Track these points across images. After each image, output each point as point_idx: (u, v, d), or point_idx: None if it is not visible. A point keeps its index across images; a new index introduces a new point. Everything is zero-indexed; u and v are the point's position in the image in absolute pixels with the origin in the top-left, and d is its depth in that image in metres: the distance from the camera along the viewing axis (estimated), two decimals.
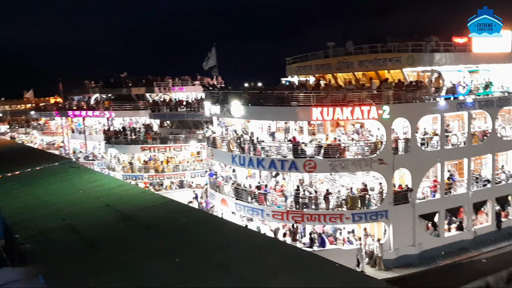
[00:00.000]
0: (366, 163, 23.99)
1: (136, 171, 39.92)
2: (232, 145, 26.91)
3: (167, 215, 13.51)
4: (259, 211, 25.25)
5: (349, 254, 23.32)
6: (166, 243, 10.07)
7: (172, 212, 13.15)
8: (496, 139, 27.93)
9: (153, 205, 14.87)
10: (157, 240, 10.77)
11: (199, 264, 8.05)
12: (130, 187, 20.75)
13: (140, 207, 14.07)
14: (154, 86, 48.46)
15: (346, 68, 29.10)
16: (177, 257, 8.70)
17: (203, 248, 9.01)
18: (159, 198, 17.13)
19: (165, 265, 8.69)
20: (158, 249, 9.72)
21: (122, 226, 13.73)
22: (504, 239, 27.42)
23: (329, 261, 7.44)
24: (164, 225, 11.94)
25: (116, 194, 17.18)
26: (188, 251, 8.95)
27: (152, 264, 9.18)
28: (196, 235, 10.19)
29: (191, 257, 8.46)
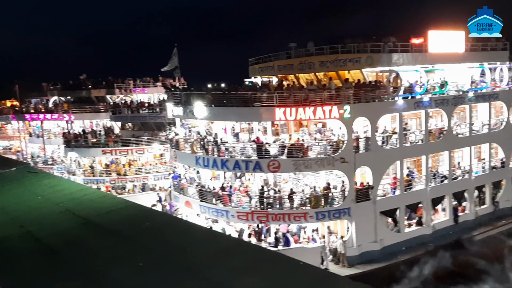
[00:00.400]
0: (329, 162, 24.38)
1: (98, 174, 39.11)
2: (196, 146, 26.79)
3: (129, 219, 13.21)
4: (224, 212, 25.24)
5: (313, 252, 23.63)
6: (129, 248, 9.88)
7: (135, 215, 12.92)
8: (452, 137, 28.91)
9: (115, 209, 14.52)
10: (120, 244, 10.55)
11: (162, 268, 7.97)
12: (91, 191, 20.29)
13: (101, 212, 13.76)
14: (115, 88, 47.68)
15: (307, 68, 29.48)
16: (140, 261, 8.57)
17: (167, 252, 8.91)
18: (121, 202, 16.81)
19: (128, 270, 8.54)
20: (120, 254, 9.52)
21: (83, 231, 13.37)
22: (462, 233, 28.42)
23: (294, 260, 7.52)
24: (127, 229, 11.71)
25: (77, 199, 16.77)
26: (151, 255, 8.82)
27: (115, 269, 8.99)
28: (160, 239, 10.06)
29: (155, 261, 8.36)
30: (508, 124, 31.82)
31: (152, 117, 41.19)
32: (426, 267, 23.07)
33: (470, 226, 29.19)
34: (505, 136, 31.63)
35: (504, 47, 31.92)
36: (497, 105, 32.17)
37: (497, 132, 31.37)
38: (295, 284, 6.79)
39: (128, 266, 8.76)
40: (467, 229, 28.79)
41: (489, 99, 30.65)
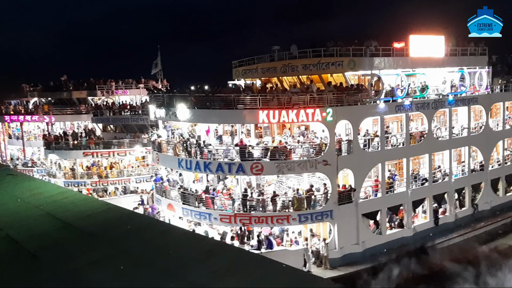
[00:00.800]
0: (311, 164, 24.49)
1: (79, 177, 38.65)
2: (178, 149, 26.67)
3: (111, 222, 13.13)
4: (206, 215, 25.16)
5: (296, 255, 23.70)
6: (110, 251, 9.80)
7: (116, 218, 12.83)
8: (432, 140, 29.30)
9: (96, 212, 14.42)
10: (101, 247, 10.46)
11: (144, 271, 7.92)
12: (72, 194, 20.03)
13: (82, 215, 13.63)
14: (97, 90, 47.16)
15: (291, 71, 29.60)
16: (121, 264, 8.50)
17: (149, 254, 8.86)
18: (102, 204, 16.63)
19: (109, 273, 8.47)
20: (101, 257, 9.44)
21: (64, 234, 13.19)
22: (441, 235, 28.80)
23: (276, 262, 7.54)
24: (108, 232, 11.61)
25: (57, 202, 16.55)
26: (132, 258, 8.76)
27: (96, 272, 8.92)
28: (141, 241, 9.99)
29: (136, 264, 8.30)
30: (487, 127, 32.39)
31: (134, 119, 40.87)
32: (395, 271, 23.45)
33: (450, 228, 29.60)
34: (484, 140, 32.19)
35: (483, 52, 32.53)
36: (476, 109, 32.73)
37: (476, 136, 31.91)
38: (277, 286, 6.81)
39: (109, 269, 8.68)
40: (447, 231, 29.19)
41: (468, 103, 31.16)
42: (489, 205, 32.42)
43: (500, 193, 33.74)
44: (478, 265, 23.55)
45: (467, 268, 23.24)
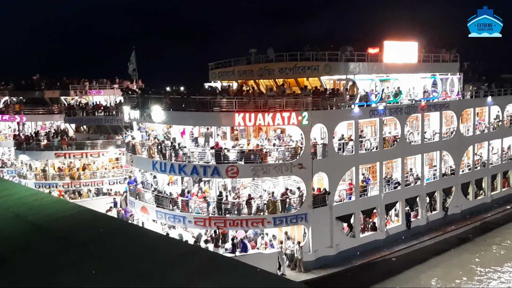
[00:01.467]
0: (287, 167, 24.58)
1: (50, 178, 37.86)
2: (153, 151, 26.42)
3: (82, 225, 12.86)
4: (181, 218, 24.99)
5: (270, 258, 23.72)
6: (81, 254, 9.61)
7: (88, 221, 12.59)
8: (405, 144, 29.78)
9: (67, 215, 14.13)
10: (72, 251, 10.23)
11: (115, 275, 7.81)
12: (43, 196, 19.65)
13: (53, 217, 13.38)
14: (70, 89, 46.33)
15: (267, 74, 29.69)
16: (93, 268, 8.35)
17: (121, 258, 8.74)
18: (74, 207, 16.34)
19: (79, 277, 8.30)
20: (72, 261, 9.25)
21: (34, 237, 12.91)
22: (413, 238, 29.27)
23: (249, 266, 7.52)
24: (80, 235, 11.38)
25: (27, 204, 16.19)
26: (104, 262, 8.63)
27: (66, 276, 8.72)
28: (114, 245, 9.84)
29: (108, 268, 8.18)
30: (458, 133, 33.10)
31: (108, 120, 40.30)
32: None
33: (421, 231, 30.11)
34: (455, 145, 32.89)
35: (454, 58, 33.28)
36: (448, 115, 33.42)
37: (447, 141, 32.57)
38: None
39: (80, 273, 8.54)
40: (419, 234, 29.69)
41: (440, 109, 31.79)
42: (459, 208, 33.13)
43: (470, 197, 34.51)
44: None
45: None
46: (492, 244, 31.20)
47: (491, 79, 40.51)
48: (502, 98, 36.83)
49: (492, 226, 33.46)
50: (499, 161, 37.09)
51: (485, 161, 35.82)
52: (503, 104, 37.11)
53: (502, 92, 36.89)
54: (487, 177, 35.70)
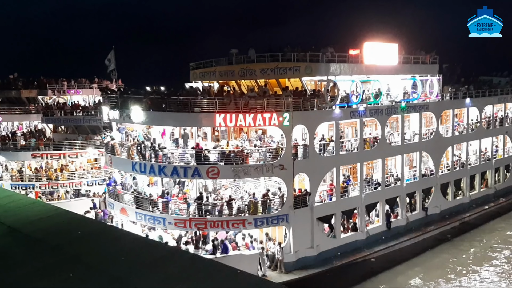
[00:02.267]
0: (268, 168, 24.52)
1: (27, 180, 37.15)
2: (132, 152, 26.08)
3: (60, 227, 12.58)
4: (160, 219, 24.71)
5: (251, 259, 23.62)
6: (58, 258, 9.38)
7: (66, 223, 12.31)
8: (385, 145, 30.00)
9: (44, 217, 13.80)
10: (48, 254, 9.97)
11: (93, 279, 7.61)
12: (19, 197, 19.21)
13: (29, 220, 13.03)
14: (47, 89, 45.53)
15: (249, 75, 29.59)
16: (70, 272, 8.13)
17: (99, 261, 8.54)
18: (51, 209, 16.01)
19: (56, 281, 8.08)
20: (49, 265, 9.02)
21: (9, 240, 12.57)
22: (393, 238, 29.49)
23: (229, 268, 7.42)
24: (56, 238, 11.10)
25: (2, 206, 15.78)
26: (82, 265, 8.41)
27: (43, 280, 8.47)
28: (92, 248, 9.62)
29: (85, 272, 7.97)
30: (437, 134, 33.50)
31: (87, 120, 39.72)
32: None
33: (401, 232, 30.35)
34: (434, 146, 33.28)
35: (434, 60, 33.67)
36: (428, 116, 33.80)
37: (427, 142, 32.92)
38: None
39: (57, 277, 8.31)
40: (399, 235, 29.93)
41: (420, 110, 32.13)
42: (439, 209, 33.51)
43: (449, 197, 34.95)
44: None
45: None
46: (471, 244, 31.66)
47: (470, 81, 41.15)
48: (480, 100, 37.43)
49: (471, 226, 33.95)
50: (477, 162, 37.65)
51: (464, 162, 36.32)
52: (481, 106, 37.71)
53: (480, 93, 37.49)
54: (465, 178, 36.20)
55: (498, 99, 39.55)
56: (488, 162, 38.73)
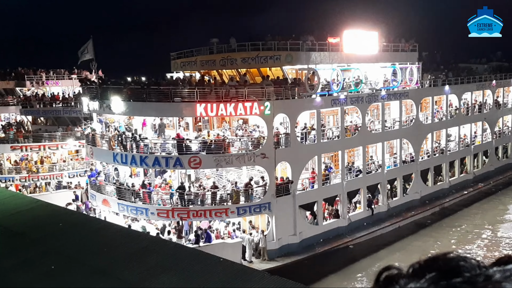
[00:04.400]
0: (250, 157, 24.61)
1: (6, 172, 36.59)
2: (113, 143, 25.90)
3: (40, 220, 12.55)
4: (143, 210, 24.68)
5: (234, 247, 23.78)
6: (39, 250, 9.39)
7: (47, 216, 12.31)
8: (366, 133, 30.30)
9: (24, 210, 13.70)
10: (29, 247, 9.99)
11: (75, 270, 7.62)
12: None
13: (9, 213, 12.93)
14: (25, 80, 44.73)
15: (230, 64, 29.52)
16: (51, 264, 8.14)
17: (81, 253, 8.57)
18: (31, 201, 15.90)
19: (38, 273, 8.10)
20: (30, 257, 9.02)
21: None
22: (375, 224, 29.92)
23: (212, 256, 7.53)
24: (37, 230, 11.13)
25: None
26: (64, 257, 8.44)
27: (24, 273, 8.49)
28: (73, 240, 9.65)
29: (67, 264, 7.99)
30: (417, 121, 33.91)
31: (66, 111, 39.18)
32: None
33: (383, 217, 30.80)
34: (414, 132, 33.70)
35: (413, 48, 33.99)
36: (408, 103, 34.17)
37: (407, 129, 33.32)
38: (213, 281, 6.78)
39: (38, 269, 8.29)
40: (380, 220, 30.36)
41: (400, 97, 32.46)
42: (419, 194, 34.03)
43: (430, 183, 35.51)
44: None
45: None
46: (450, 229, 32.27)
47: (449, 68, 41.66)
48: (459, 87, 37.94)
49: (450, 211, 34.57)
50: (457, 148, 38.28)
51: (443, 148, 36.89)
52: (460, 93, 38.24)
53: (459, 80, 38.00)
54: (445, 164, 36.80)
55: (477, 86, 40.13)
56: (467, 148, 39.41)
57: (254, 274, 8.04)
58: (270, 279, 7.08)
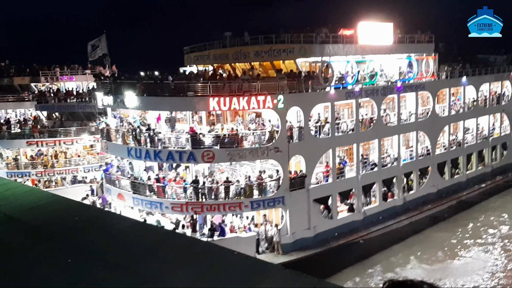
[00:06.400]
0: (263, 151, 24.50)
1: (22, 167, 37.01)
2: (128, 137, 25.99)
3: (57, 214, 12.54)
4: (157, 204, 24.75)
5: (248, 241, 23.76)
6: (56, 245, 9.33)
7: (63, 210, 12.27)
8: (381, 126, 29.97)
9: (41, 204, 13.76)
10: (46, 242, 9.94)
11: (92, 265, 7.54)
12: (15, 185, 19.15)
13: (26, 207, 13.00)
14: (40, 76, 45.06)
15: (243, 58, 29.38)
16: (68, 258, 8.08)
17: (97, 247, 8.48)
18: (48, 196, 15.97)
19: (54, 268, 8.04)
20: (46, 252, 8.96)
21: (5, 228, 12.54)
22: (390, 218, 29.64)
23: (227, 250, 7.39)
24: (54, 225, 11.07)
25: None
26: (80, 252, 8.36)
27: (40, 268, 8.45)
28: (90, 234, 9.56)
29: (84, 258, 7.92)
30: (433, 113, 33.46)
31: (81, 107, 39.46)
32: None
33: (398, 211, 30.48)
34: (430, 125, 33.25)
35: (430, 39, 33.47)
36: (424, 95, 33.72)
37: (423, 121, 32.89)
38: (228, 273, 6.71)
39: (54, 264, 8.29)
40: (395, 215, 30.06)
41: (416, 89, 32.02)
42: (436, 188, 33.62)
43: (446, 176, 35.06)
44: None
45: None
46: (467, 222, 31.89)
47: (466, 60, 40.90)
48: (477, 78, 37.31)
49: (467, 204, 34.14)
50: (474, 141, 37.71)
51: (461, 141, 36.37)
52: (478, 84, 37.61)
53: (476, 72, 37.36)
54: (462, 157, 36.28)
55: (495, 77, 39.44)
56: (485, 140, 38.79)
57: (269, 267, 7.95)
58: (285, 272, 6.98)
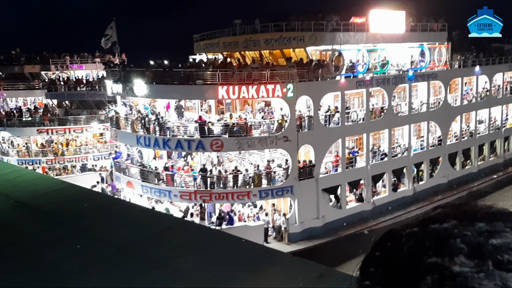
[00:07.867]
0: (272, 140, 24.41)
1: (33, 155, 37.28)
2: (137, 125, 26.04)
3: (67, 201, 12.63)
4: (166, 192, 24.83)
5: (256, 230, 23.78)
6: (66, 230, 9.43)
7: (73, 197, 12.34)
8: (392, 115, 29.69)
9: (51, 190, 13.86)
10: (57, 227, 10.03)
11: (101, 249, 7.61)
12: (26, 172, 19.34)
13: (37, 193, 13.11)
14: (50, 64, 45.21)
15: (252, 46, 29.18)
16: (78, 243, 8.16)
17: (106, 233, 8.57)
18: (58, 182, 16.10)
19: (65, 252, 8.09)
20: (57, 237, 9.06)
21: (17, 214, 12.66)
22: (400, 208, 29.47)
23: (235, 237, 7.42)
24: (64, 211, 11.15)
25: (10, 181, 15.88)
26: (89, 237, 8.45)
27: (51, 252, 8.51)
28: (99, 220, 9.66)
29: (93, 243, 8.00)
30: (445, 103, 33.05)
31: (90, 95, 39.56)
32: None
33: (408, 201, 30.28)
34: (442, 115, 32.86)
35: (442, 28, 32.95)
36: (436, 85, 33.29)
37: (435, 111, 32.50)
38: (236, 260, 6.70)
39: (65, 248, 8.35)
40: (405, 205, 29.87)
41: (427, 79, 31.63)
42: (447, 178, 33.31)
43: (457, 167, 34.72)
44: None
45: None
46: None
47: (480, 49, 40.27)
48: (490, 68, 36.72)
49: (478, 195, 33.83)
50: (487, 131, 37.27)
51: (472, 131, 35.97)
52: (491, 74, 37.04)
53: (490, 61, 36.80)
54: (474, 147, 35.90)
55: (509, 66, 38.80)
56: (498, 131, 38.31)
57: (277, 254, 7.92)
58: (293, 260, 6.94)
